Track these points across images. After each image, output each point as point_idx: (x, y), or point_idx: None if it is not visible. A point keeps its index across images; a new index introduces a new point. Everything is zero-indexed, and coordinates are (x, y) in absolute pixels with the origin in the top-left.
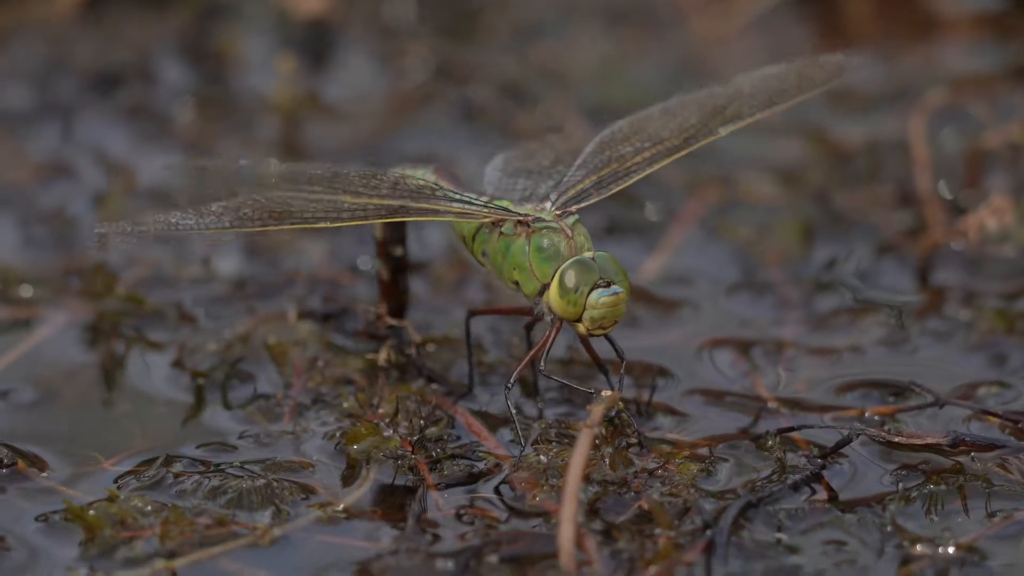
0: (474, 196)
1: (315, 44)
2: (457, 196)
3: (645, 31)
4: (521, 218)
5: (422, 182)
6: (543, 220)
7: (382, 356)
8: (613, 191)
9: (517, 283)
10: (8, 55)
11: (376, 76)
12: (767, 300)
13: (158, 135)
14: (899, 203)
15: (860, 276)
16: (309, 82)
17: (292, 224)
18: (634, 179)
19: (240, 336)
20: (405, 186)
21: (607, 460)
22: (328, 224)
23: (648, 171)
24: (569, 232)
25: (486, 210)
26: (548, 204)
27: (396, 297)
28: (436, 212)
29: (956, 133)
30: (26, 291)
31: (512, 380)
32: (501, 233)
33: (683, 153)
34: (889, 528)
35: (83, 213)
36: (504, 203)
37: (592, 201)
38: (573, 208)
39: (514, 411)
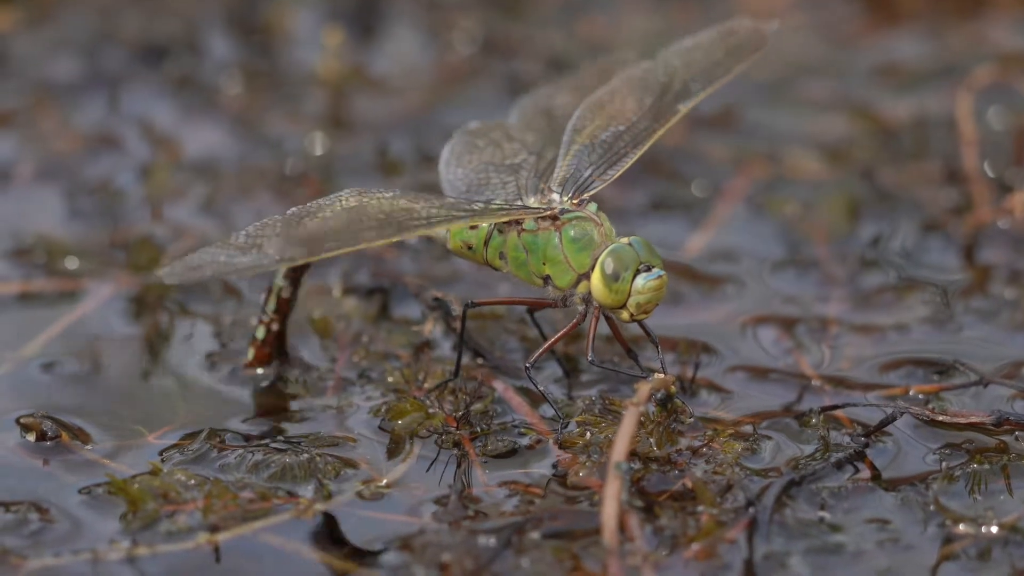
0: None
1: (363, 17)
2: (479, 204)
3: (692, 5)
4: (545, 213)
5: (451, 199)
6: (568, 211)
7: (427, 329)
8: (616, 175)
9: (546, 278)
10: (57, 26)
11: (423, 49)
12: (812, 277)
13: (205, 107)
14: (945, 180)
15: (905, 254)
16: (356, 55)
17: (335, 250)
18: (628, 164)
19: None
20: (444, 201)
21: (652, 438)
22: (367, 244)
23: (638, 154)
24: (597, 219)
25: (512, 209)
26: (556, 196)
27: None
28: (471, 217)
29: (1003, 111)
30: (72, 263)
31: (532, 360)
32: (523, 231)
33: (661, 132)
34: (932, 507)
35: (129, 185)
36: (498, 203)
37: (597, 189)
38: (586, 196)
39: (541, 388)
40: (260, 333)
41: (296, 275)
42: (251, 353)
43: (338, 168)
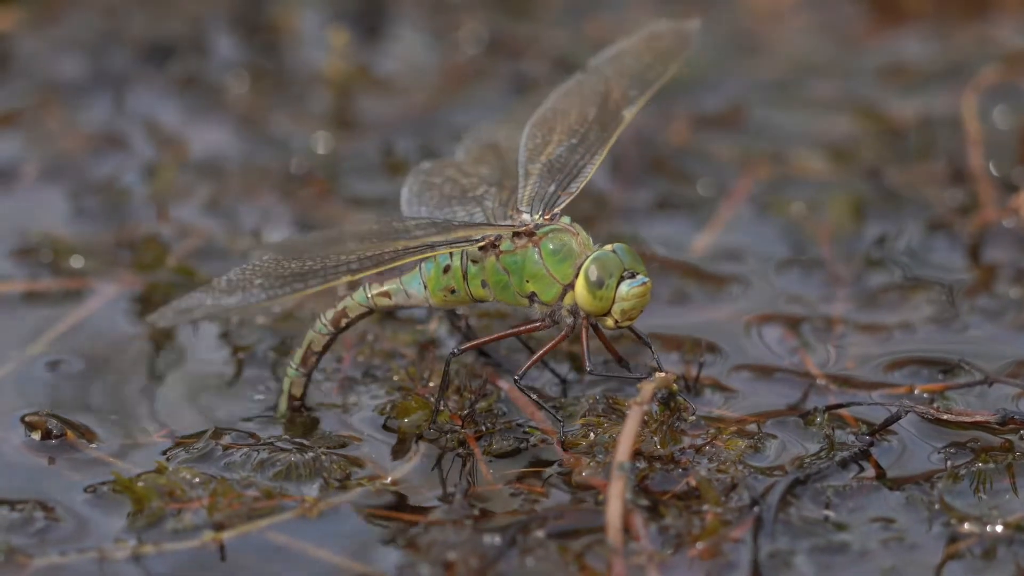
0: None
1: (368, 17)
2: (458, 224)
3: (698, 5)
4: (520, 229)
5: (424, 220)
6: (543, 225)
7: (431, 327)
8: (580, 187)
9: (531, 296)
10: (62, 26)
11: (429, 49)
12: (817, 276)
13: (210, 107)
14: (951, 180)
15: (911, 253)
16: (362, 55)
17: (318, 285)
18: (590, 174)
19: (290, 310)
20: (418, 225)
21: (656, 437)
22: (350, 277)
23: (597, 163)
24: (573, 230)
25: (487, 226)
26: (527, 215)
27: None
28: (464, 240)
29: (1009, 111)
30: (77, 262)
31: (520, 373)
32: (500, 252)
33: (613, 140)
34: (937, 506)
35: (134, 184)
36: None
37: (565, 203)
38: (556, 210)
39: (534, 397)
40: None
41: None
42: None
43: (343, 168)
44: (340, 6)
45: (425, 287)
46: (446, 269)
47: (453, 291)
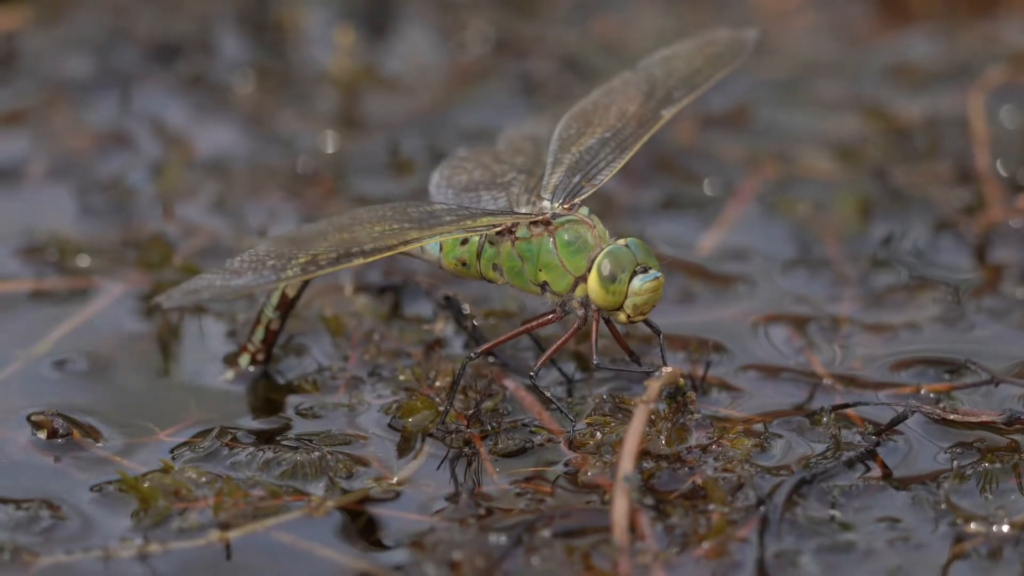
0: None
1: (375, 16)
2: (475, 211)
3: (705, 5)
4: (537, 218)
5: (439, 206)
6: (560, 215)
7: (438, 327)
8: (605, 179)
9: (543, 285)
10: (69, 25)
11: (435, 49)
12: (823, 276)
13: (217, 106)
14: (957, 180)
15: (917, 253)
16: (368, 54)
17: (329, 267)
18: (616, 168)
19: (296, 309)
20: (432, 212)
21: (663, 435)
22: (362, 260)
23: (625, 158)
24: (590, 222)
25: (503, 213)
26: (547, 203)
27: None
28: (468, 229)
29: (1016, 110)
30: (83, 261)
31: (536, 369)
32: (516, 239)
33: (646, 138)
34: (943, 506)
35: (141, 183)
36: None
37: (587, 194)
38: (577, 200)
39: (548, 394)
40: (244, 362)
41: (286, 308)
42: (231, 374)
43: (350, 167)
44: (347, 5)
45: (441, 248)
46: (464, 241)
47: (465, 263)
